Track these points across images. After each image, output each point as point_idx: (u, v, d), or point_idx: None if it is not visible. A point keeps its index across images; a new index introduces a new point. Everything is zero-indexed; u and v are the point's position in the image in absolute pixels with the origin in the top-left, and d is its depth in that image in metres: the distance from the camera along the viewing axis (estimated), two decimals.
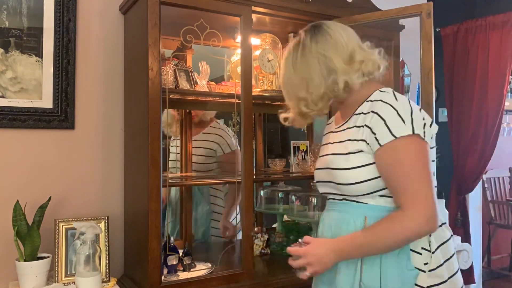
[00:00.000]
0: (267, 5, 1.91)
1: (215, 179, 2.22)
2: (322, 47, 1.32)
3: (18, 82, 1.84)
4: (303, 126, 1.34)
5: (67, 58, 1.91)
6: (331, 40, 1.32)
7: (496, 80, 3.14)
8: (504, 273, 4.43)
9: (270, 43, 2.23)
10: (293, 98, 1.38)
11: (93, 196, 1.97)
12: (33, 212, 1.70)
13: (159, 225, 1.65)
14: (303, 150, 2.42)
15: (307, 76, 1.33)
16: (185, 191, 2.34)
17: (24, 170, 1.84)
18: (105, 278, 1.75)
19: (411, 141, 1.21)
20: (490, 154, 3.26)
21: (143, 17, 1.70)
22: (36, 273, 1.65)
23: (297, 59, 1.35)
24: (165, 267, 1.77)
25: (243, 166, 1.83)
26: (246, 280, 1.80)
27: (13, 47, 1.83)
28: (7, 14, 1.82)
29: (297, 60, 1.35)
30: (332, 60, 1.30)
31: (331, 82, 1.31)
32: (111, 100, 2.01)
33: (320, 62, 1.31)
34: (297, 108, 1.38)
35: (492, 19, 3.16)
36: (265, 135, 2.61)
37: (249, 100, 1.85)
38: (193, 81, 2.07)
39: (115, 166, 2.01)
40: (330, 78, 1.31)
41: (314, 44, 1.33)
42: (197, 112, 2.39)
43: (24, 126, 1.84)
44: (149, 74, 1.64)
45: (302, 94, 1.34)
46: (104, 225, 1.81)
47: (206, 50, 2.05)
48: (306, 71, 1.33)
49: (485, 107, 3.17)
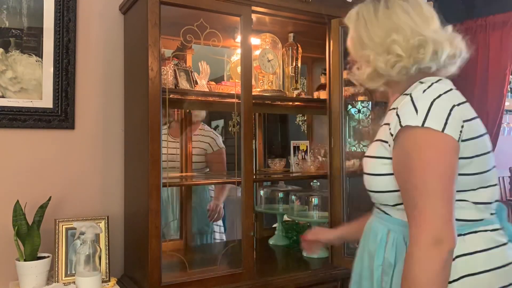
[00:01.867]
0: (267, 5, 1.91)
1: (215, 179, 2.22)
2: (408, 8, 1.17)
3: (18, 82, 1.84)
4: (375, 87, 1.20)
5: (67, 58, 1.91)
6: (418, 6, 1.18)
7: (496, 80, 3.14)
8: None
9: (270, 43, 2.23)
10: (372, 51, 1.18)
11: (93, 196, 1.97)
12: (33, 212, 1.70)
13: (159, 225, 1.65)
14: (303, 150, 2.42)
15: (394, 27, 1.15)
16: (185, 191, 2.34)
17: (24, 170, 1.84)
18: (105, 278, 1.75)
19: (421, 134, 1.02)
20: None
21: (143, 17, 1.70)
22: (36, 273, 1.65)
23: (379, 11, 1.19)
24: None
25: (243, 166, 1.83)
26: (246, 280, 1.80)
27: (13, 47, 1.83)
28: (7, 14, 1.82)
29: (379, 13, 1.19)
30: (417, 24, 1.14)
31: (418, 44, 1.12)
32: (111, 100, 2.01)
33: (408, 21, 1.15)
34: (373, 63, 1.18)
35: (492, 19, 3.16)
36: (265, 135, 2.62)
37: (249, 100, 1.85)
38: (193, 81, 2.07)
39: (115, 166, 2.01)
40: (416, 39, 1.13)
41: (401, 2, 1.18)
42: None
43: (24, 126, 1.84)
44: (149, 74, 1.64)
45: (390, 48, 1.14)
46: (104, 225, 1.81)
47: (206, 50, 2.05)
48: (393, 22, 1.16)
49: (485, 107, 3.17)
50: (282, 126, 2.91)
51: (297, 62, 2.32)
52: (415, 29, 1.14)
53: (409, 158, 1.04)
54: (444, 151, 1.02)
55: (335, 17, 2.05)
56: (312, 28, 2.16)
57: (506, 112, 4.47)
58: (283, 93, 2.26)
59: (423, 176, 1.01)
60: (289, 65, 2.31)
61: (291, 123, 2.89)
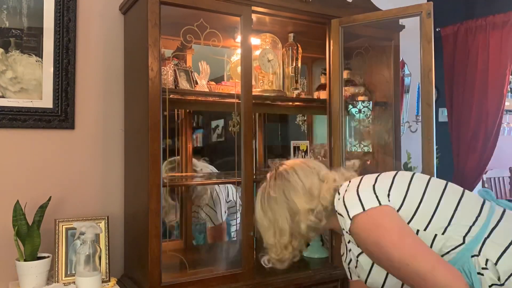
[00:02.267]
0: (267, 5, 1.91)
1: (215, 179, 2.22)
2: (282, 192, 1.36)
3: (18, 82, 1.84)
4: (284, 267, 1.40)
5: (67, 58, 1.91)
6: (288, 185, 1.36)
7: (496, 80, 3.14)
8: None
9: (270, 43, 2.23)
10: (266, 243, 1.40)
11: (93, 196, 1.97)
12: (33, 212, 1.70)
13: (159, 225, 1.65)
14: (303, 150, 2.42)
15: (273, 220, 1.36)
16: (185, 191, 2.34)
17: (24, 170, 1.84)
18: (105, 278, 1.75)
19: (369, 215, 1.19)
20: (490, 154, 3.26)
21: (143, 17, 1.70)
22: (36, 273, 1.65)
23: (264, 204, 1.39)
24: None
25: (243, 166, 1.83)
26: (246, 280, 1.80)
27: (13, 47, 1.83)
28: (7, 14, 1.82)
29: (264, 205, 1.39)
30: (295, 203, 1.33)
31: (296, 225, 1.33)
32: (111, 100, 2.01)
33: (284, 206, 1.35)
34: (272, 254, 1.39)
35: (492, 19, 3.16)
36: (265, 135, 2.61)
37: (249, 100, 1.85)
38: (193, 81, 2.07)
39: (115, 166, 2.01)
40: (294, 222, 1.33)
41: (277, 191, 1.37)
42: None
43: (24, 126, 1.84)
44: (149, 74, 1.64)
45: (271, 240, 1.37)
46: (104, 225, 1.81)
47: (206, 50, 2.05)
48: (272, 216, 1.36)
49: (485, 107, 3.17)
50: (282, 126, 2.91)
51: (297, 62, 2.32)
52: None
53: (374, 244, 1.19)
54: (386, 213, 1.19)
55: (335, 17, 2.05)
56: (312, 28, 2.16)
57: (506, 112, 4.46)
58: (283, 93, 2.26)
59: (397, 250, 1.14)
60: (289, 65, 2.31)
61: (291, 123, 2.89)
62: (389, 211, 1.18)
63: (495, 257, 1.14)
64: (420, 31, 1.87)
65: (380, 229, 1.17)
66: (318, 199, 1.33)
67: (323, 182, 1.36)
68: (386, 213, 1.18)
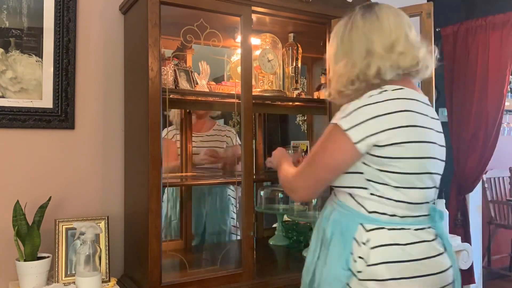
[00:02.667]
0: (267, 5, 1.91)
1: (215, 179, 2.22)
2: (368, 27, 1.30)
3: (18, 82, 1.84)
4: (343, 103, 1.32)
5: (67, 58, 1.91)
6: (377, 23, 1.30)
7: (496, 80, 3.14)
8: (504, 273, 4.42)
9: (270, 43, 2.23)
10: (334, 73, 1.36)
11: (93, 196, 1.97)
12: (33, 212, 1.70)
13: (159, 225, 1.65)
14: (303, 150, 2.42)
15: (349, 52, 1.32)
16: (185, 191, 2.34)
17: (24, 170, 1.84)
18: (105, 278, 1.75)
19: (331, 128, 1.25)
20: (490, 154, 3.26)
21: (143, 17, 1.70)
22: (36, 273, 1.65)
23: (345, 34, 1.35)
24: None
25: (243, 166, 1.83)
26: (246, 280, 1.80)
27: (13, 47, 1.83)
28: (7, 14, 1.82)
29: (345, 35, 1.35)
30: (373, 43, 1.28)
31: (365, 65, 1.28)
32: (111, 100, 2.01)
33: (362, 41, 1.30)
34: (334, 84, 1.36)
35: (492, 19, 3.16)
36: (265, 135, 2.62)
37: (249, 100, 1.85)
38: (193, 81, 2.07)
39: (115, 166, 2.01)
40: (365, 60, 1.28)
41: (362, 23, 1.32)
42: (207, 112, 2.49)
43: (24, 126, 1.84)
44: (149, 74, 1.64)
45: (341, 70, 1.32)
46: (104, 225, 1.81)
47: (206, 50, 2.05)
48: (349, 47, 1.32)
49: (485, 107, 3.17)
50: (282, 126, 2.91)
51: (297, 62, 2.32)
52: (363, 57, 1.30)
53: (318, 140, 1.30)
54: (337, 140, 1.23)
55: (335, 17, 2.05)
56: (312, 28, 2.16)
57: (506, 112, 4.46)
58: (283, 93, 2.26)
59: (315, 153, 1.29)
60: (289, 65, 2.31)
61: (291, 123, 2.89)
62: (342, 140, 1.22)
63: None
64: (420, 31, 1.87)
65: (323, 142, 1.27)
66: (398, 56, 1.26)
67: (401, 54, 1.27)
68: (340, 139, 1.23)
